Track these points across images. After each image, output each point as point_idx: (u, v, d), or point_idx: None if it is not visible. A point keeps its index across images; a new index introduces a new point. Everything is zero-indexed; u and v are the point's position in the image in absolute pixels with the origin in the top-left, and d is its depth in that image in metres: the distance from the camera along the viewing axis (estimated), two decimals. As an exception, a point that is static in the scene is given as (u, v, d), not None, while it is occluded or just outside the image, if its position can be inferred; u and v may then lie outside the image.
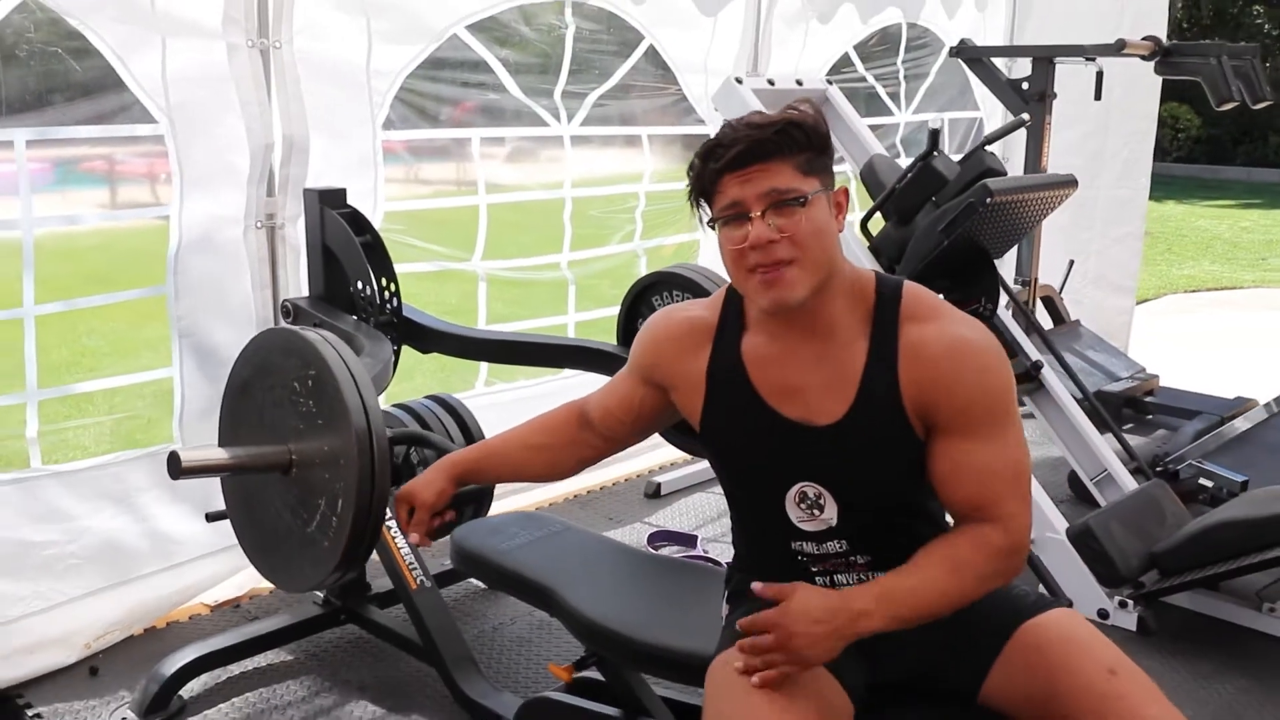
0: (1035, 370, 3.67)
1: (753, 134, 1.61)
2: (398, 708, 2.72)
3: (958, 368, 1.66)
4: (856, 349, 1.69)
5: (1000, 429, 1.68)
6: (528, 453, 2.01)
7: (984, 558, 1.66)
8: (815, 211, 1.62)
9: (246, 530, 2.20)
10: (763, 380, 1.74)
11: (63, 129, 2.74)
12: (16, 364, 2.81)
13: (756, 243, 1.60)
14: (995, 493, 1.67)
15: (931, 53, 5.20)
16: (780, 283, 1.62)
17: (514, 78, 3.59)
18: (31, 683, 2.77)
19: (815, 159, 1.64)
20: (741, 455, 1.79)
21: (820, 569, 1.79)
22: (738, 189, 1.61)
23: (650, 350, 1.87)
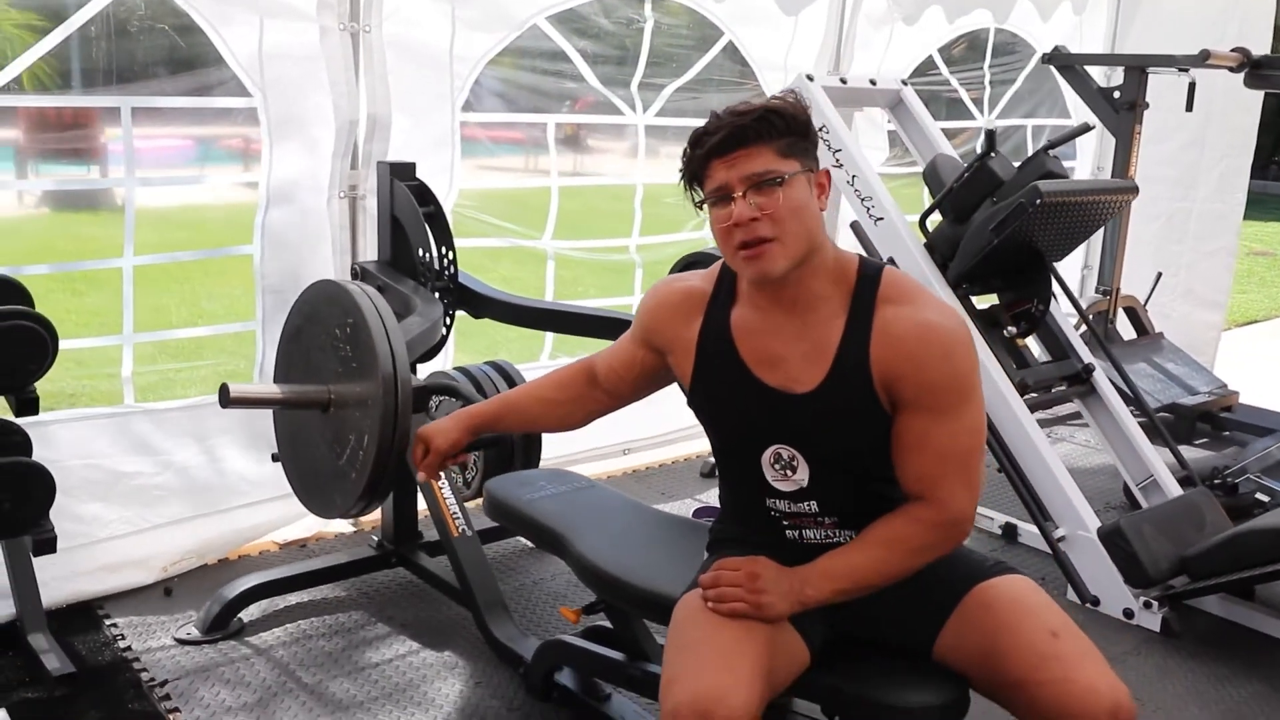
0: (1086, 373, 3.69)
1: (735, 120, 1.75)
2: (433, 644, 2.94)
3: (923, 350, 1.77)
4: (835, 324, 1.82)
5: (955, 412, 1.79)
6: (542, 406, 2.19)
7: (917, 532, 1.81)
8: (794, 191, 1.75)
9: (291, 461, 2.44)
10: (748, 349, 1.88)
11: (165, 99, 3.03)
12: (117, 309, 3.12)
13: (739, 220, 1.74)
14: (943, 473, 1.80)
15: (1020, 58, 5.20)
16: (763, 257, 1.76)
17: (592, 68, 3.77)
18: (111, 597, 3.08)
19: (795, 143, 1.77)
20: (725, 417, 1.94)
21: (791, 524, 1.93)
22: (723, 172, 1.75)
23: (650, 316, 2.03)
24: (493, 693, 2.73)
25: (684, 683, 1.68)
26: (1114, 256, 4.88)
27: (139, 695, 2.66)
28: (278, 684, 2.72)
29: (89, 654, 2.83)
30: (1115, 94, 4.75)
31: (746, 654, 1.72)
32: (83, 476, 3.09)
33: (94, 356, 5.03)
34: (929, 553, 1.83)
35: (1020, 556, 3.62)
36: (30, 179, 4.13)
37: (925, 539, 1.81)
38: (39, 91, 3.03)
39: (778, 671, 1.79)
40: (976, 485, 1.84)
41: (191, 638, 2.91)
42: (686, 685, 1.67)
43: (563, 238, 3.91)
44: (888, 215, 3.63)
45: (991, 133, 3.45)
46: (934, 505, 1.80)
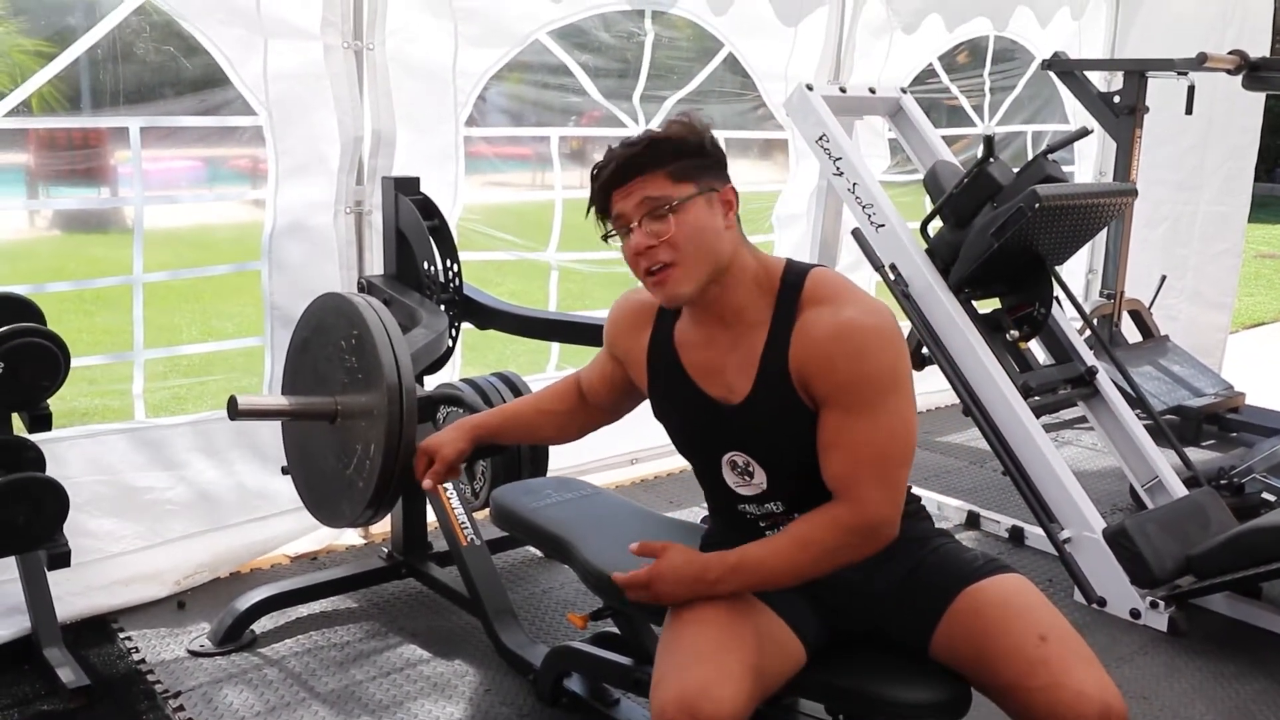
0: (1090, 376, 3.71)
1: (625, 152, 1.80)
2: (442, 654, 2.96)
3: (835, 347, 1.77)
4: (760, 333, 1.85)
5: (871, 411, 1.77)
6: (541, 417, 2.25)
7: (830, 534, 1.78)
8: (688, 215, 1.78)
9: (299, 473, 2.47)
10: (690, 361, 1.93)
11: (171, 118, 3.08)
12: (127, 328, 3.17)
13: (637, 249, 1.80)
14: (857, 473, 1.78)
15: (1020, 65, 5.23)
16: (667, 282, 1.80)
17: (594, 81, 3.82)
18: (125, 611, 3.12)
19: (687, 166, 1.79)
20: (681, 428, 2.01)
21: (767, 524, 1.97)
22: (621, 203, 1.81)
23: (610, 327, 2.10)
24: (503, 700, 2.75)
25: (671, 680, 1.71)
26: (1117, 260, 4.90)
27: (153, 707, 2.69)
28: (290, 694, 2.75)
29: (103, 667, 2.86)
30: (1115, 98, 4.78)
31: (733, 650, 1.75)
32: (95, 492, 3.13)
33: (106, 374, 5.08)
34: (843, 555, 1.79)
35: (1027, 559, 3.64)
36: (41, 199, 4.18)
37: (840, 541, 1.78)
38: (47, 115, 3.09)
39: (769, 668, 1.81)
40: (896, 489, 1.80)
41: (205, 650, 2.94)
42: (673, 682, 1.70)
43: (567, 250, 3.95)
44: (889, 222, 3.66)
45: (990, 138, 3.48)
46: (851, 506, 1.78)
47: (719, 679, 1.68)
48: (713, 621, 1.79)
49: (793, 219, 4.53)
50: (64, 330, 2.72)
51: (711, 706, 1.65)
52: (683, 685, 1.68)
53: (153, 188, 3.33)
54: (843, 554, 1.79)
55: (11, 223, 8.67)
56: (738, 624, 1.80)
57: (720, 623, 1.79)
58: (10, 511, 2.58)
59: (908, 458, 1.82)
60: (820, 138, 3.76)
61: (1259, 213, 11.07)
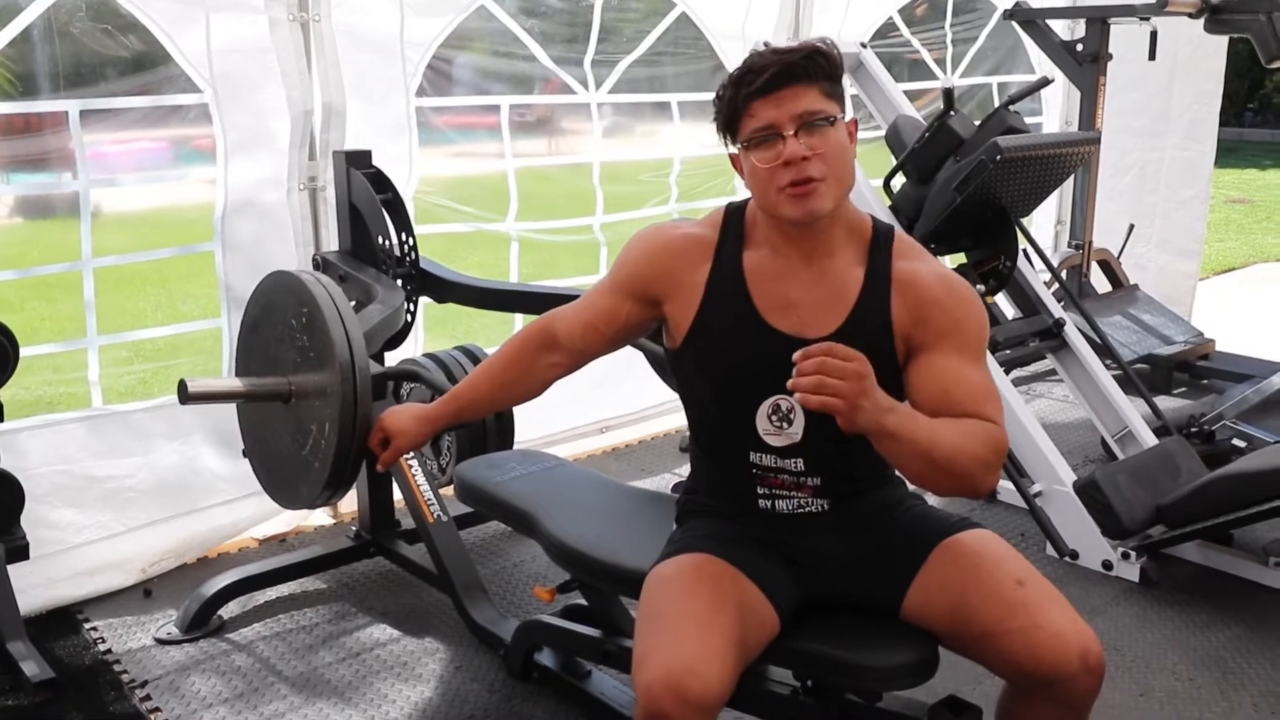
0: (1058, 328, 3.70)
1: (781, 58, 1.73)
2: (413, 631, 2.94)
3: (948, 294, 1.82)
4: (853, 274, 1.83)
5: (980, 361, 1.83)
6: (498, 390, 2.14)
7: (986, 437, 1.74)
8: (840, 134, 1.75)
9: (257, 455, 2.43)
10: (760, 293, 1.86)
11: (112, 99, 3.01)
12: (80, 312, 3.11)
13: (791, 158, 1.71)
14: (986, 407, 1.78)
15: (982, 16, 5.18)
16: (812, 195, 1.73)
17: (544, 47, 3.75)
18: (91, 601, 3.07)
19: (835, 87, 1.76)
20: (725, 364, 1.89)
21: (767, 488, 1.91)
22: (771, 111, 1.72)
23: (644, 263, 1.95)
24: (474, 676, 2.73)
25: (656, 658, 1.68)
26: (1085, 210, 4.88)
27: (120, 697, 2.66)
28: (258, 677, 2.72)
29: (69, 659, 2.82)
30: (1078, 47, 4.74)
31: (718, 625, 1.72)
32: (55, 483, 3.08)
33: (69, 361, 5.00)
34: (983, 465, 1.73)
35: (999, 514, 3.63)
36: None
37: (988, 449, 1.74)
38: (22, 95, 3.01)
39: (749, 640, 1.79)
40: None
41: (172, 637, 2.91)
42: (658, 660, 1.67)
43: (528, 219, 3.90)
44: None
45: (949, 91, 3.45)
46: (993, 427, 1.76)
47: (705, 656, 1.65)
48: (695, 595, 1.77)
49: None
50: (26, 318, 2.67)
51: (699, 685, 1.62)
52: (667, 664, 1.65)
53: (115, 170, 3.27)
54: (984, 467, 1.73)
55: (-22, 205, 8.48)
56: (720, 597, 1.77)
57: (703, 596, 1.76)
58: (-38, 506, 2.54)
59: None
60: (780, 96, 3.71)
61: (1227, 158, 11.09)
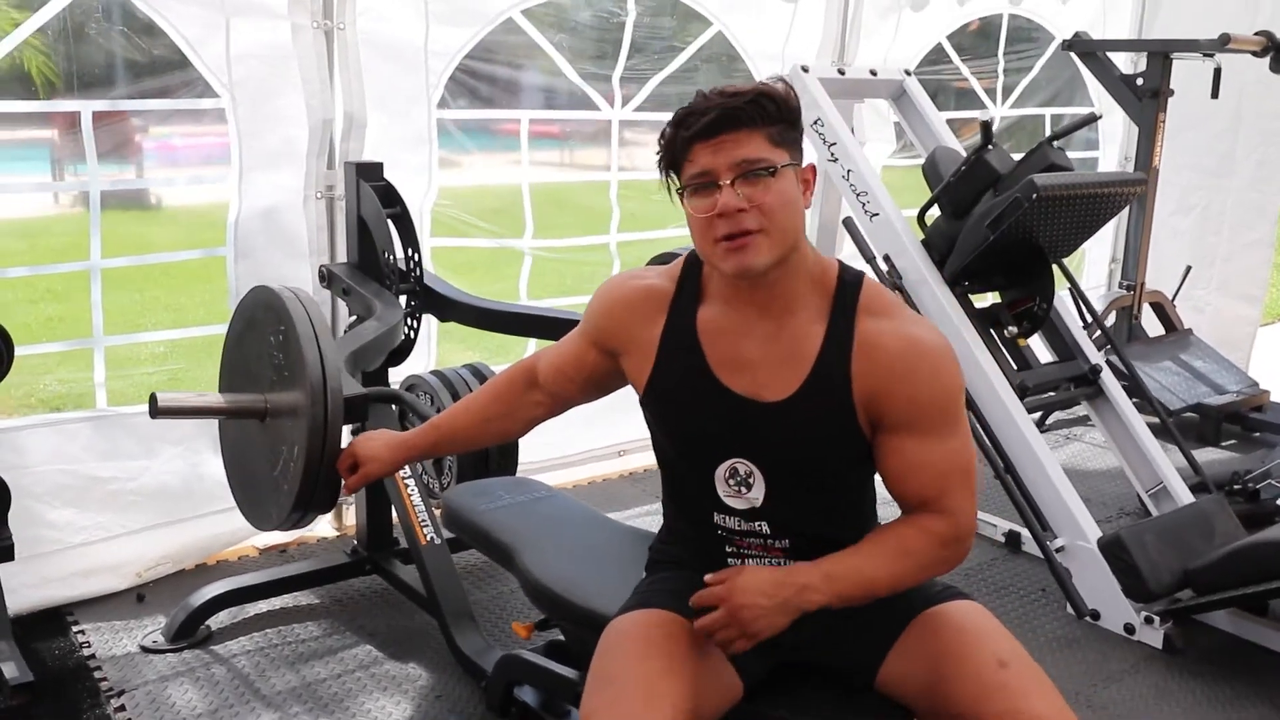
0: (1094, 374, 3.53)
1: (726, 102, 1.61)
2: (398, 655, 2.87)
3: (911, 366, 1.66)
4: (813, 331, 1.70)
5: (950, 429, 1.70)
6: (480, 425, 2.07)
7: (929, 545, 1.69)
8: (783, 184, 1.62)
9: (233, 472, 2.38)
10: (714, 351, 1.75)
11: (127, 102, 2.99)
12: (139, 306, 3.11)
13: (725, 210, 1.61)
14: (944, 489, 1.69)
15: (1038, 46, 5.02)
16: (746, 249, 1.62)
17: (571, 62, 3.68)
18: (82, 603, 3.06)
19: (786, 132, 1.65)
20: (681, 423, 1.80)
21: (735, 548, 1.81)
22: (708, 157, 1.62)
23: (604, 315, 1.88)
24: (451, 707, 2.66)
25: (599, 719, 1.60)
26: (1138, 249, 4.70)
27: (95, 705, 2.63)
28: (235, 694, 2.68)
29: (52, 661, 2.80)
30: (1138, 81, 4.56)
31: (667, 693, 1.61)
32: (56, 482, 3.07)
33: (113, 355, 5.05)
34: (937, 569, 1.72)
35: (1022, 566, 3.48)
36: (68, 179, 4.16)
37: (936, 554, 1.70)
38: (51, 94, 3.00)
39: (704, 707, 1.68)
40: (975, 498, 1.73)
41: (157, 646, 2.88)
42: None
43: (546, 236, 3.83)
44: (884, 211, 3.50)
45: (987, 124, 3.31)
46: (946, 519, 1.69)
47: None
48: (649, 656, 1.67)
49: (790, 205, 4.37)
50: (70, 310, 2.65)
51: None
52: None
53: (180, 164, 3.26)
54: (938, 566, 1.72)
55: (35, 201, 8.70)
56: (674, 660, 1.66)
57: (656, 657, 1.66)
58: (-54, 505, 2.52)
59: (975, 467, 1.77)
60: (815, 121, 3.61)
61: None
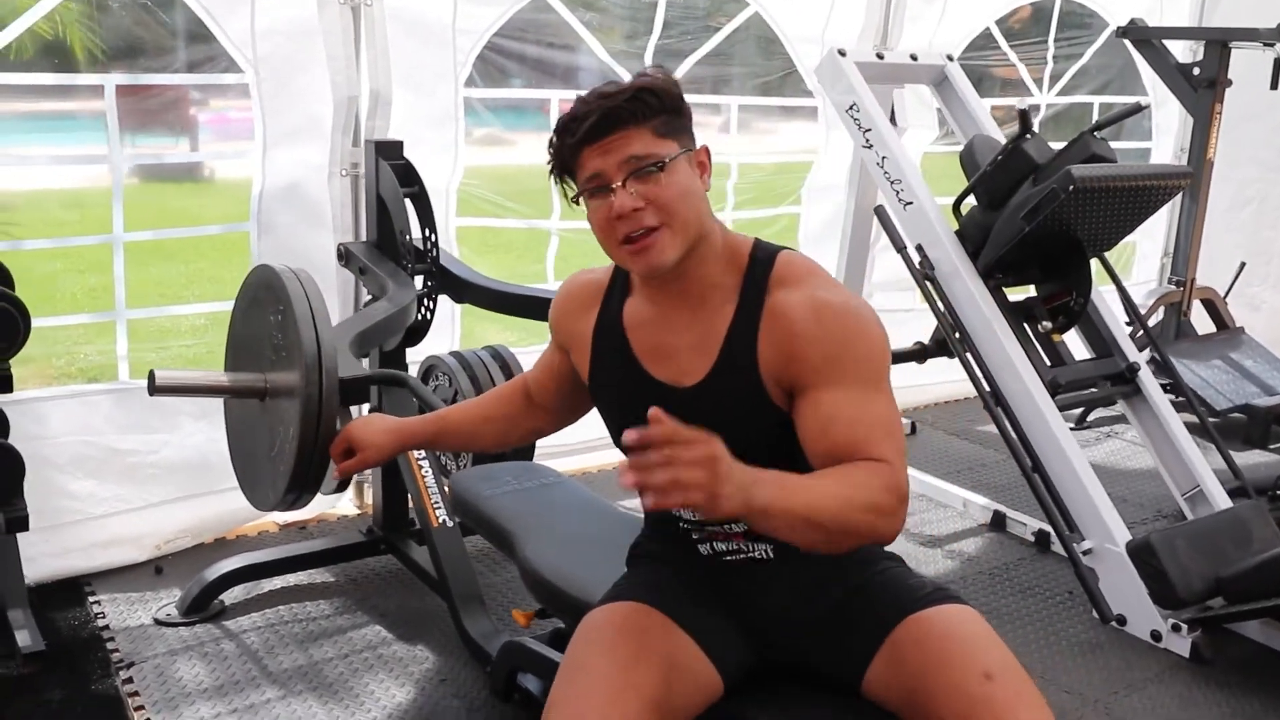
0: (1130, 373, 3.42)
1: (604, 103, 1.60)
2: (407, 636, 2.87)
3: (817, 327, 1.60)
4: (725, 312, 1.67)
5: (868, 386, 1.58)
6: (480, 424, 2.08)
7: (874, 482, 1.51)
8: (676, 175, 1.61)
9: (236, 450, 2.38)
10: (638, 341, 1.75)
11: (150, 75, 3.00)
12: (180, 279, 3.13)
13: (621, 212, 1.59)
14: (868, 437, 1.55)
15: (1091, 33, 4.87)
16: (651, 249, 1.61)
17: (601, 41, 3.62)
18: (100, 574, 3.09)
19: (671, 121, 1.62)
20: (620, 415, 1.79)
21: (701, 536, 1.78)
22: (598, 160, 1.60)
23: (554, 312, 1.91)
24: (455, 691, 2.65)
25: (564, 708, 1.57)
26: (1188, 244, 4.55)
27: (105, 676, 2.65)
28: (242, 670, 2.69)
29: (66, 631, 2.84)
30: (1195, 70, 4.41)
31: (636, 682, 1.58)
32: (78, 453, 3.10)
33: (144, 328, 5.11)
34: (877, 517, 1.50)
35: (1050, 567, 3.40)
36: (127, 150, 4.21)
37: (880, 496, 1.50)
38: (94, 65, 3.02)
39: (677, 700, 1.64)
40: (905, 467, 1.57)
41: (170, 619, 2.90)
42: (565, 711, 1.56)
43: (574, 218, 3.78)
44: (918, 200, 3.41)
45: (1025, 112, 3.20)
46: (880, 465, 1.52)
47: (611, 716, 1.53)
48: (618, 647, 1.64)
49: (826, 191, 4.29)
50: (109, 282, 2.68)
51: None
52: (573, 718, 1.54)
53: (232, 138, 3.28)
54: (881, 515, 1.50)
55: (91, 171, 8.85)
56: (645, 651, 1.63)
57: (626, 649, 1.63)
58: (-39, 474, 2.55)
59: (903, 435, 1.62)
60: (850, 107, 3.53)
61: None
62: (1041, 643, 2.97)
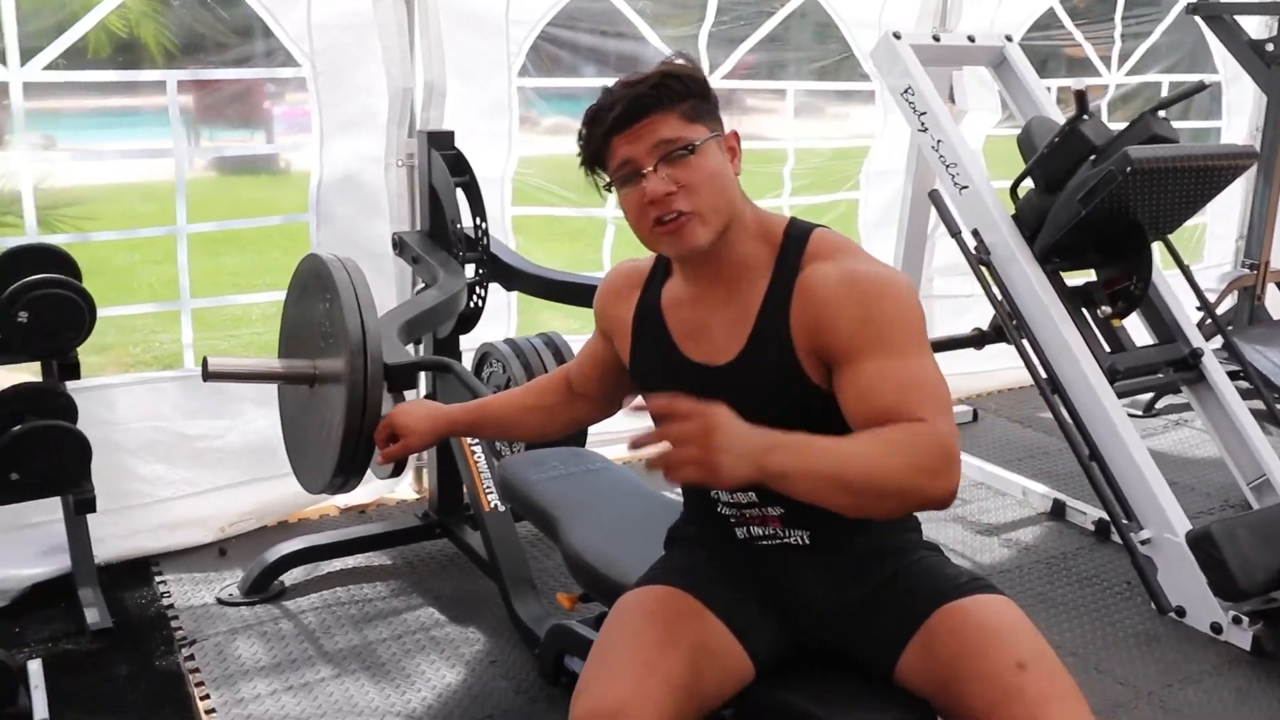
0: (1194, 358, 3.35)
1: (631, 91, 1.61)
2: (458, 619, 2.92)
3: (849, 296, 1.58)
4: (758, 289, 1.68)
5: (904, 351, 1.55)
6: (521, 414, 2.11)
7: (909, 438, 1.47)
8: (706, 158, 1.62)
9: (288, 435, 2.44)
10: (675, 322, 1.77)
11: (210, 70, 3.07)
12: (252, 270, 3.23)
13: (654, 197, 1.61)
14: (911, 400, 1.51)
15: (1160, 10, 4.75)
16: (682, 232, 1.63)
17: (654, 28, 3.63)
18: (167, 555, 3.20)
19: (699, 105, 1.63)
20: (658, 396, 1.81)
21: (738, 520, 1.78)
22: (627, 147, 1.62)
23: (598, 299, 1.94)
24: (504, 673, 2.69)
25: (590, 692, 1.58)
26: (1263, 226, 4.43)
27: (168, 653, 2.75)
28: (299, 649, 2.76)
29: (133, 609, 2.94)
30: (1268, 47, 4.29)
31: (663, 667, 1.59)
32: (148, 438, 3.20)
33: (216, 316, 5.25)
34: (920, 477, 1.45)
35: (1110, 556, 3.34)
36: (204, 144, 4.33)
37: (919, 451, 1.45)
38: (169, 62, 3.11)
39: (706, 684, 1.66)
40: (954, 424, 1.54)
41: (232, 599, 2.98)
42: (591, 696, 1.57)
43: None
44: (973, 184, 3.37)
45: (1082, 92, 3.14)
46: (923, 424, 1.48)
47: (638, 700, 1.54)
48: (647, 631, 1.66)
49: (883, 176, 4.25)
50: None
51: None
52: (599, 701, 1.56)
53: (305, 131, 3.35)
54: (920, 475, 1.44)
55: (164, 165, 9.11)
56: (674, 635, 1.65)
57: (655, 633, 1.65)
58: (31, 458, 2.65)
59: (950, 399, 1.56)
60: (905, 90, 3.49)
61: None
62: (1097, 633, 2.92)
